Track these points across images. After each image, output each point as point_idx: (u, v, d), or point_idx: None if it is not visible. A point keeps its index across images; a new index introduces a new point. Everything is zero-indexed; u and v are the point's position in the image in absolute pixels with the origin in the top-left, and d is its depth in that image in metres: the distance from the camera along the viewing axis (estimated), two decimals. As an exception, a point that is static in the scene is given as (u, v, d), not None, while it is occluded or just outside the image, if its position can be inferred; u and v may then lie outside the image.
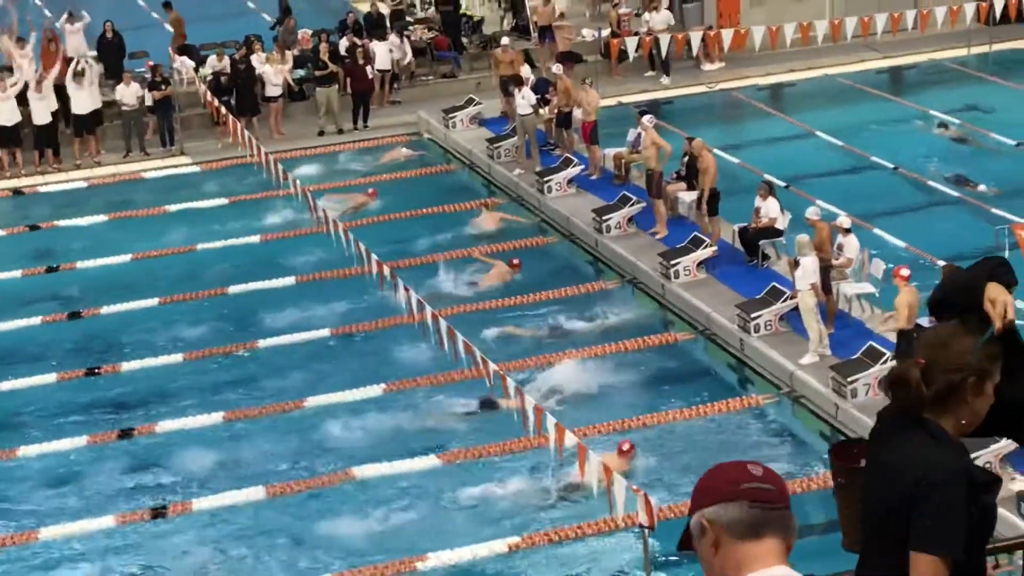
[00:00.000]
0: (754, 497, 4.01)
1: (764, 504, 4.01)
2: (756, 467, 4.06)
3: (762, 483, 4.02)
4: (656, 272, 23.57)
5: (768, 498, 4.02)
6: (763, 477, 4.04)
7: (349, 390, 20.92)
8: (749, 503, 4.01)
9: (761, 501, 4.01)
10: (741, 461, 4.13)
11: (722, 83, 34.13)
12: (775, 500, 4.03)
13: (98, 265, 26.25)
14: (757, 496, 4.01)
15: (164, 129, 31.83)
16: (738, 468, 4.08)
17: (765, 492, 4.02)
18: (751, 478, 4.03)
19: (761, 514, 4.01)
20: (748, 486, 4.02)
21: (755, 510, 4.01)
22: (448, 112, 31.89)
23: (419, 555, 17.07)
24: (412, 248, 26.01)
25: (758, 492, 4.02)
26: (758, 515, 4.01)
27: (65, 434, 20.24)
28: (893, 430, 4.72)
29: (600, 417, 20.00)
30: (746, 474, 4.04)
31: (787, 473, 18.34)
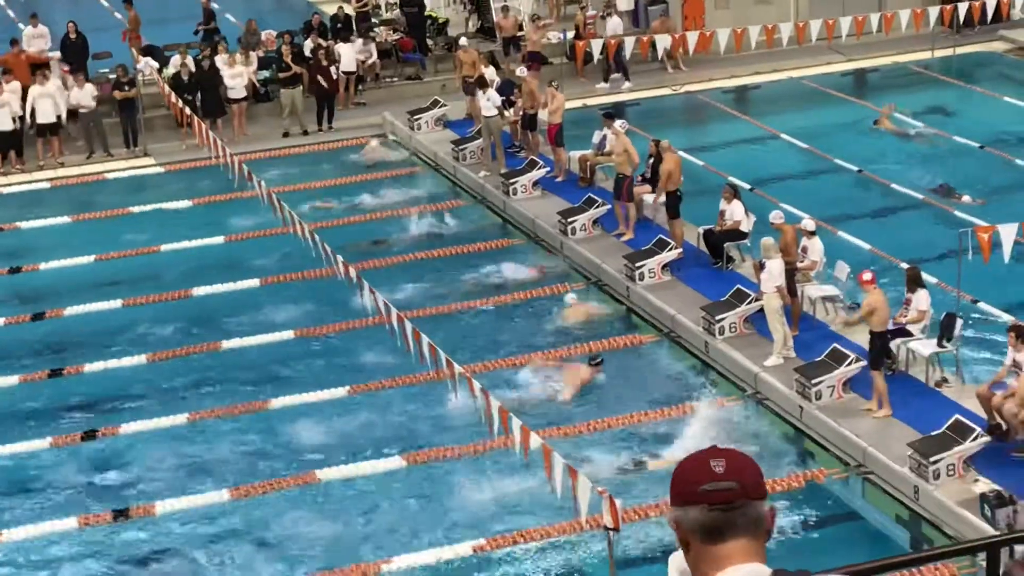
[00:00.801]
0: (712, 500, 3.91)
1: (724, 506, 3.92)
2: (720, 462, 3.95)
3: (722, 481, 3.91)
4: (621, 274, 23.59)
5: (728, 499, 3.92)
6: (725, 474, 3.92)
7: (313, 392, 20.87)
8: (708, 506, 3.92)
9: (721, 503, 3.91)
10: (707, 453, 4.00)
11: (687, 85, 34.20)
12: (737, 498, 3.92)
13: (61, 266, 26.11)
14: (715, 499, 3.91)
15: (128, 130, 31.67)
16: (699, 467, 3.96)
17: (724, 493, 3.91)
18: (711, 477, 3.93)
19: (722, 516, 3.92)
20: (706, 488, 3.92)
21: (715, 513, 3.92)
22: (413, 114, 31.86)
23: (384, 558, 17.04)
24: (378, 249, 25.96)
25: (716, 495, 3.91)
26: (718, 518, 3.92)
27: (28, 436, 20.14)
28: None
29: (565, 419, 20.01)
30: (706, 473, 3.93)
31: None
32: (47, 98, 30.73)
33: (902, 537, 17.18)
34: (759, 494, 3.96)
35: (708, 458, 3.97)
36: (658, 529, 17.32)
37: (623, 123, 25.70)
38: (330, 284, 22.74)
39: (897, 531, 17.32)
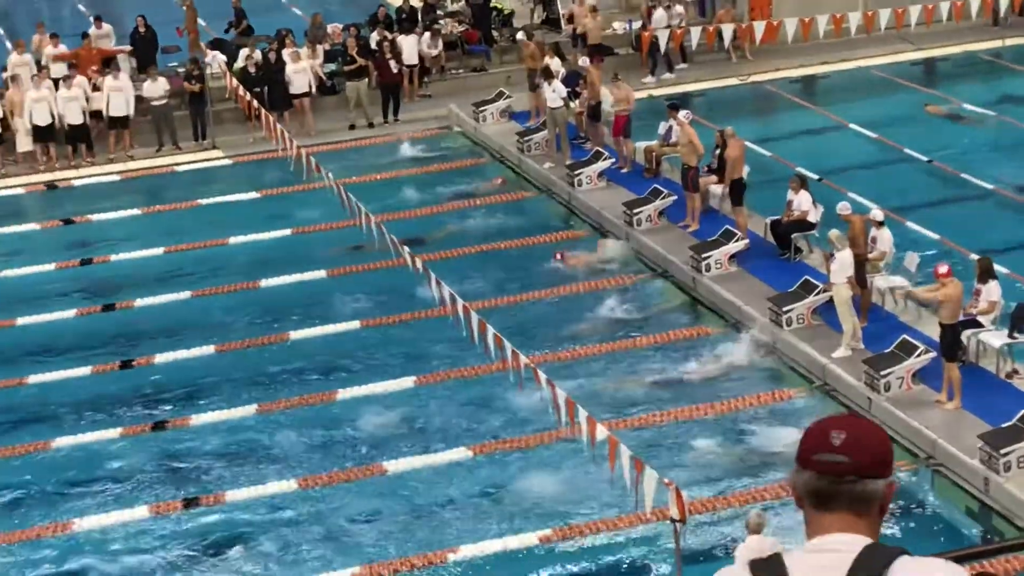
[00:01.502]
0: (821, 470, 3.97)
1: (832, 477, 3.97)
2: (840, 434, 3.99)
3: (835, 454, 3.96)
4: (687, 265, 23.52)
5: (838, 471, 3.97)
6: (840, 447, 3.97)
7: (380, 382, 20.96)
8: (817, 475, 3.98)
9: (830, 474, 3.97)
10: (832, 422, 4.05)
11: (754, 75, 34.02)
12: (845, 473, 3.97)
13: (131, 258, 26.38)
14: (825, 469, 3.97)
15: (197, 123, 31.93)
16: (819, 434, 4.02)
17: (832, 466, 3.96)
18: (826, 447, 3.98)
19: (828, 486, 3.98)
20: (819, 458, 3.98)
21: (823, 482, 3.98)
22: (478, 106, 31.88)
23: (450, 547, 17.10)
24: (444, 241, 26.01)
25: (827, 465, 3.96)
26: (825, 487, 3.98)
27: (99, 426, 20.34)
28: None
29: (630, 410, 19.99)
30: (824, 443, 3.99)
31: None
32: (119, 91, 31.04)
33: (972, 529, 17.05)
34: (874, 472, 3.98)
35: (831, 428, 4.01)
36: (724, 521, 17.27)
37: (687, 113, 25.60)
38: (396, 275, 22.82)
39: (967, 523, 17.18)
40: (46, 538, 17.82)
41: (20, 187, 30.44)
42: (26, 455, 19.73)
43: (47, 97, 30.64)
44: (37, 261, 26.37)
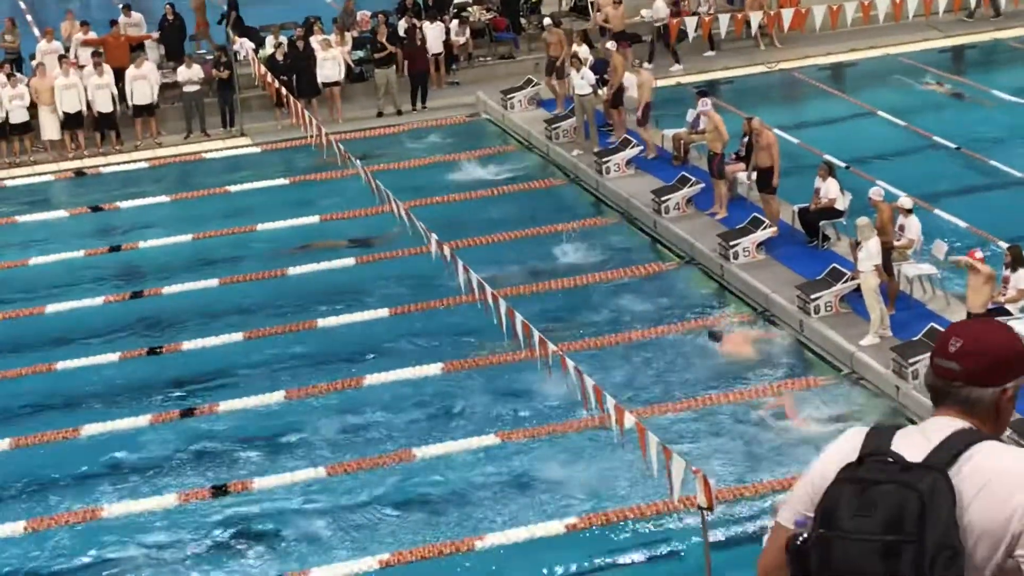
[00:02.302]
0: (936, 372, 4.19)
1: (943, 379, 4.17)
2: (958, 342, 4.17)
3: (946, 360, 4.16)
4: (715, 253, 23.48)
5: (948, 376, 4.16)
6: (954, 353, 4.16)
7: (408, 369, 20.99)
8: (934, 373, 4.20)
9: (940, 376, 4.18)
10: (957, 328, 4.23)
11: (782, 63, 33.91)
12: (954, 379, 4.15)
13: (159, 245, 26.46)
14: (938, 372, 4.18)
15: (225, 110, 31.99)
16: (944, 338, 4.21)
17: (946, 371, 4.17)
18: (943, 353, 4.18)
19: (941, 387, 4.19)
20: (936, 361, 4.19)
21: (937, 382, 4.20)
22: (506, 93, 31.86)
23: (477, 535, 17.13)
24: (473, 228, 26.00)
25: (940, 369, 4.18)
26: (936, 384, 4.20)
27: (127, 413, 20.41)
28: None
29: (659, 397, 19.98)
30: (943, 348, 4.18)
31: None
32: (142, 80, 31.11)
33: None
34: (984, 382, 4.16)
35: (953, 333, 4.21)
36: (752, 509, 17.25)
37: (704, 101, 25.54)
38: (425, 262, 22.82)
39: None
40: (74, 524, 17.90)
41: (49, 174, 30.56)
42: (55, 442, 19.82)
43: (76, 84, 30.76)
44: (65, 248, 26.47)
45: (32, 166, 30.83)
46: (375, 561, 16.77)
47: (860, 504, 3.92)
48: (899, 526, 3.87)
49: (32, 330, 23.41)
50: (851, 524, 3.94)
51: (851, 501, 3.94)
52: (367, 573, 16.65)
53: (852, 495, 3.95)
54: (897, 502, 3.88)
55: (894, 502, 3.89)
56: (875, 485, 3.94)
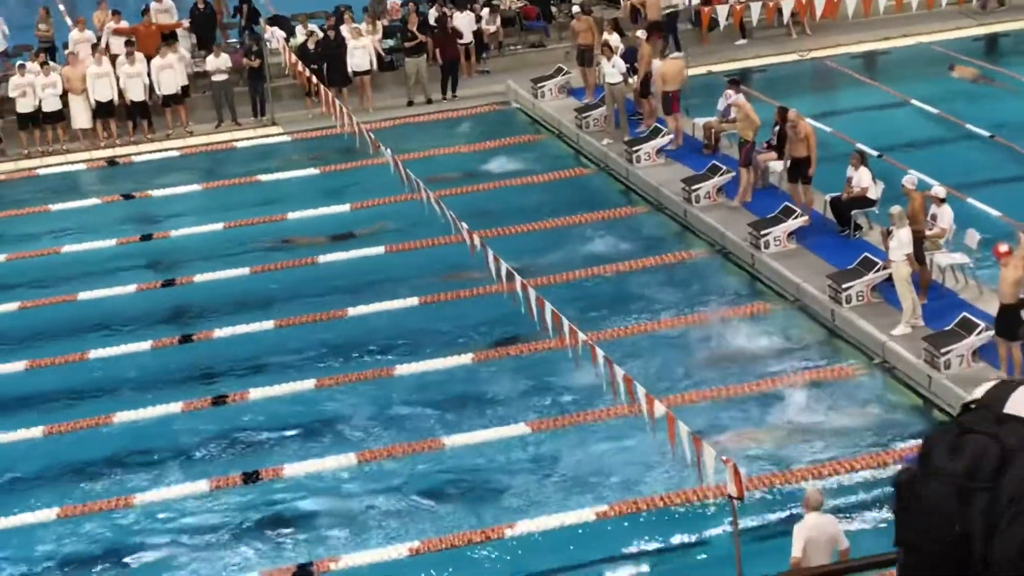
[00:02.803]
0: None
1: None
2: None
3: None
4: (746, 242, 23.42)
5: None
6: None
7: (438, 358, 21.01)
8: None
9: None
10: None
11: (814, 51, 33.76)
12: None
13: (191, 233, 26.53)
14: None
15: (256, 99, 32.05)
16: None
17: None
18: None
19: None
20: None
21: None
22: (537, 81, 31.82)
23: (507, 522, 17.15)
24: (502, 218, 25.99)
25: None
26: None
27: (160, 400, 20.50)
28: None
29: (689, 386, 19.96)
30: None
31: (875, 445, 18.23)
32: (168, 69, 31.20)
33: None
34: None
35: None
36: (782, 498, 17.22)
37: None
38: (455, 251, 22.84)
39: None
40: (107, 511, 17.99)
41: (81, 163, 30.67)
42: (88, 429, 19.92)
43: (108, 73, 30.87)
44: (98, 236, 26.57)
45: (64, 154, 30.95)
46: (405, 549, 16.82)
47: (951, 448, 4.01)
48: (977, 474, 3.94)
49: (65, 318, 23.52)
50: (940, 465, 4.02)
51: (946, 444, 4.04)
52: (398, 560, 16.69)
53: (949, 438, 4.05)
54: (980, 450, 3.95)
55: (978, 450, 3.95)
56: (968, 432, 4.03)
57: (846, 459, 17.86)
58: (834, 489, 17.11)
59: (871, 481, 17.47)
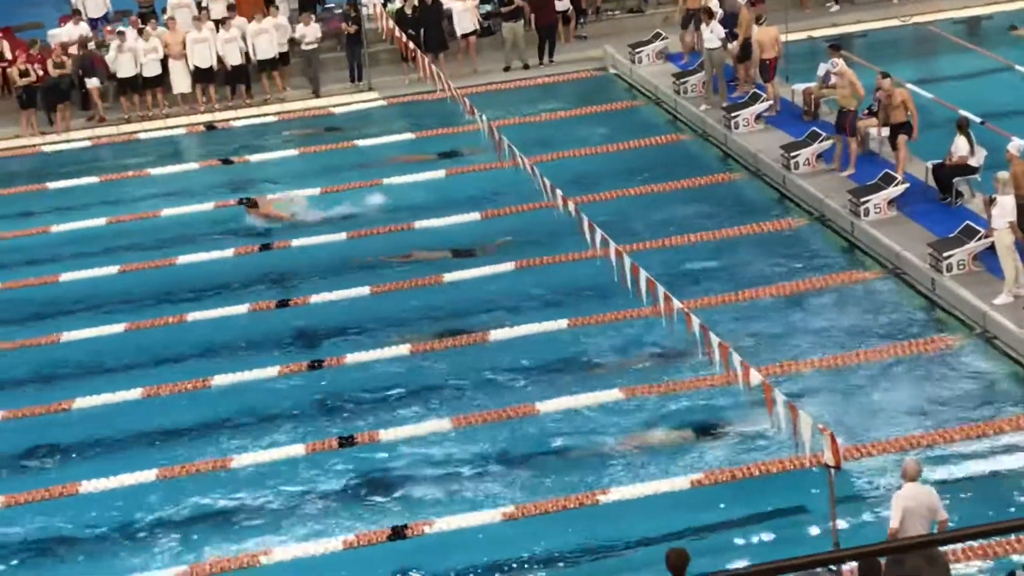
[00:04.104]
0: None
1: None
2: None
3: None
4: (845, 209, 23.15)
5: None
6: None
7: (532, 324, 20.99)
8: None
9: None
10: None
11: (916, 16, 33.25)
12: None
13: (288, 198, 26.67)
14: None
15: (354, 64, 32.15)
16: None
17: None
18: None
19: None
20: None
21: None
22: (634, 47, 31.64)
23: (602, 488, 17.12)
24: (597, 184, 25.89)
25: None
26: None
27: (256, 365, 20.66)
28: None
29: (785, 355, 19.79)
30: None
31: (979, 417, 17.98)
32: (264, 34, 31.37)
33: None
34: None
35: None
36: (880, 468, 17.05)
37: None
38: (550, 217, 22.78)
39: None
40: (207, 473, 18.18)
41: (180, 127, 30.96)
42: (186, 392, 20.13)
43: (208, 38, 31.11)
44: (196, 201, 26.80)
45: (164, 119, 31.27)
46: (499, 514, 16.84)
47: None
48: None
49: (163, 282, 23.77)
50: None
51: None
52: (491, 525, 16.73)
53: None
54: None
55: None
56: None
57: (944, 430, 17.64)
58: (931, 460, 16.90)
59: (969, 453, 17.25)
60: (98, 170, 28.93)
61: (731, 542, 16.18)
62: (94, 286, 23.71)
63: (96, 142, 30.56)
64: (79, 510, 17.76)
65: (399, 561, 16.45)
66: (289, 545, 16.77)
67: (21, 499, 17.90)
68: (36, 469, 18.89)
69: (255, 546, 16.83)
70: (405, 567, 16.39)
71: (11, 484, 18.40)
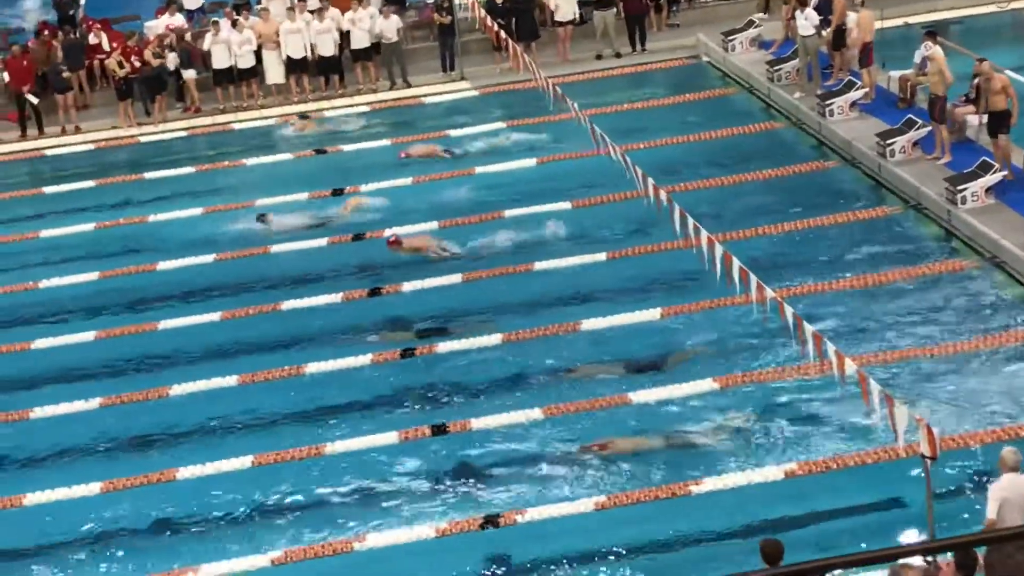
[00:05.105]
0: None
1: None
2: None
3: None
4: (942, 198, 22.86)
5: None
6: None
7: (625, 313, 20.93)
8: None
9: None
10: None
11: (1014, 1, 32.75)
12: None
13: (380, 187, 26.80)
14: None
15: (445, 54, 32.23)
16: None
17: None
18: None
19: None
20: None
21: None
22: (727, 35, 31.44)
23: (694, 479, 17.05)
24: (689, 172, 25.78)
25: None
26: None
27: (349, 353, 20.77)
28: None
29: (879, 344, 19.60)
30: None
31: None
32: (358, 24, 31.50)
33: None
34: None
35: None
36: (976, 458, 16.84)
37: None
38: (640, 206, 22.70)
39: None
40: (300, 460, 18.30)
41: (274, 118, 31.21)
42: (280, 379, 20.28)
43: (301, 29, 31.34)
44: (290, 190, 26.98)
45: (258, 109, 31.54)
46: (591, 503, 16.82)
47: None
48: None
49: (258, 270, 23.97)
50: None
51: None
52: (582, 514, 16.71)
53: None
54: None
55: None
56: None
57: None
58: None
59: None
60: (194, 160, 29.24)
61: (826, 533, 16.05)
62: (190, 275, 23.97)
63: (192, 132, 30.90)
64: (178, 496, 17.95)
65: (491, 549, 16.49)
66: (382, 532, 16.86)
67: (121, 484, 18.10)
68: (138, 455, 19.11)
69: (349, 533, 16.94)
70: (497, 555, 16.42)
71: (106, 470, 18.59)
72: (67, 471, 18.66)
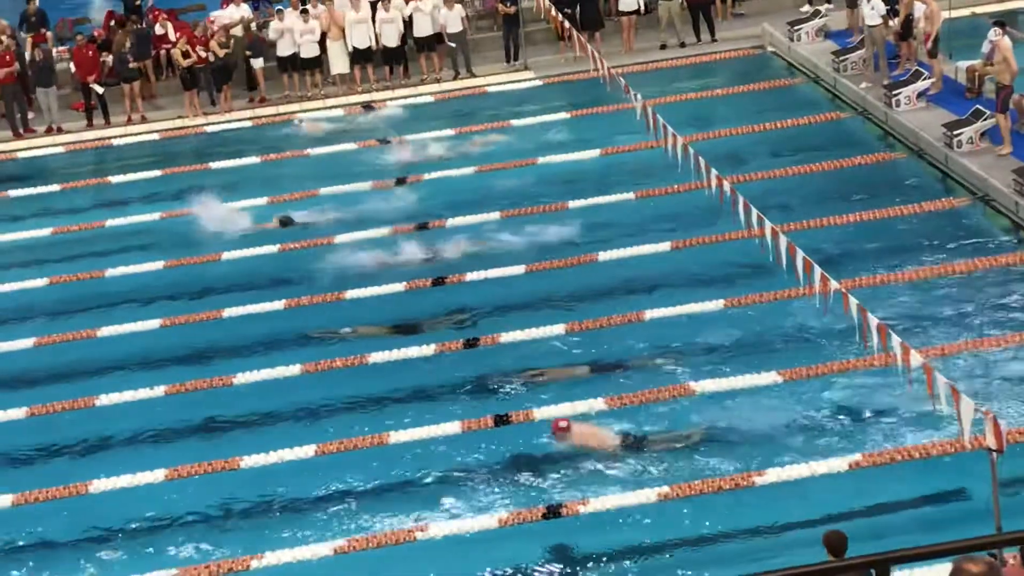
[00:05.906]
0: None
1: None
2: None
3: None
4: (1010, 189, 22.62)
5: None
6: None
7: (689, 304, 20.86)
8: None
9: None
10: None
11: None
12: None
13: (443, 177, 26.86)
14: None
15: (509, 44, 32.23)
16: None
17: None
18: None
19: None
20: None
21: None
22: (793, 24, 31.25)
23: (756, 470, 16.97)
24: (754, 163, 25.64)
25: None
26: None
27: (412, 342, 20.80)
28: None
29: (946, 337, 19.43)
30: None
31: None
32: (422, 13, 31.58)
33: None
34: None
35: None
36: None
37: (996, 31, 24.50)
38: (703, 197, 22.61)
39: None
40: (363, 449, 18.35)
41: (338, 108, 31.32)
42: (342, 368, 20.34)
43: (366, 19, 31.43)
44: (354, 180, 27.06)
45: (323, 100, 31.66)
46: (653, 494, 16.77)
47: None
48: None
49: (322, 260, 24.05)
50: None
51: None
52: (644, 506, 16.67)
53: None
54: None
55: None
56: None
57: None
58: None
59: None
60: (259, 150, 29.39)
61: (891, 525, 15.93)
62: (254, 265, 24.10)
63: (257, 122, 31.07)
64: (241, 485, 18.05)
65: (553, 539, 16.48)
66: (444, 521, 16.88)
67: (186, 472, 18.23)
68: (202, 443, 19.23)
69: (411, 522, 16.98)
70: (560, 545, 16.41)
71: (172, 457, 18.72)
72: (132, 458, 18.80)
